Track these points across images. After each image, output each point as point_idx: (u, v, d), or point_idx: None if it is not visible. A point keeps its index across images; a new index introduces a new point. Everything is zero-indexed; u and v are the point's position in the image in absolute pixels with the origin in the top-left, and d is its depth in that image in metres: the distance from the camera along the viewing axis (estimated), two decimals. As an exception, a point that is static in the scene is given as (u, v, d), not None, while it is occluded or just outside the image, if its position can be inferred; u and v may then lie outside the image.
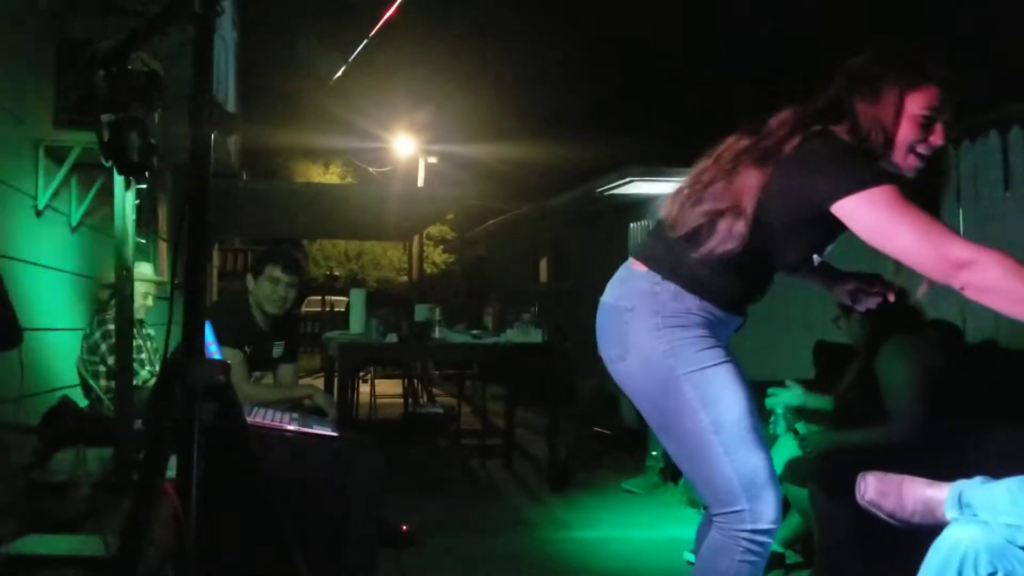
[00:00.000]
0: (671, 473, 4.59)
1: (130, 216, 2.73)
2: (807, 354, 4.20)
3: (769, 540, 1.88)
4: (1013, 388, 3.00)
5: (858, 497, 2.17)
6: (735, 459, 1.86)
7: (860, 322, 3.14)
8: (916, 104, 1.82)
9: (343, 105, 17.76)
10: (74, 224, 4.37)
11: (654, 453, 4.63)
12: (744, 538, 1.86)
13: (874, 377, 3.02)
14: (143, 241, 5.61)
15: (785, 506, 3.28)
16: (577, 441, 5.06)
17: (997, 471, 2.01)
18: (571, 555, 3.50)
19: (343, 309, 8.52)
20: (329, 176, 22.44)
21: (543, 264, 12.90)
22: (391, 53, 18.24)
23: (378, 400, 7.32)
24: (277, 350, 3.65)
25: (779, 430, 3.24)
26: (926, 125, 1.82)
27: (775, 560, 3.23)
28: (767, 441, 1.96)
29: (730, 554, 1.87)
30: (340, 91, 17.42)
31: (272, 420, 2.52)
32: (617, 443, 5.29)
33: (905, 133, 1.83)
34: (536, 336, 4.88)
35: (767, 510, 1.86)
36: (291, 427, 2.49)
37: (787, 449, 3.20)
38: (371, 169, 21.22)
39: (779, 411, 3.25)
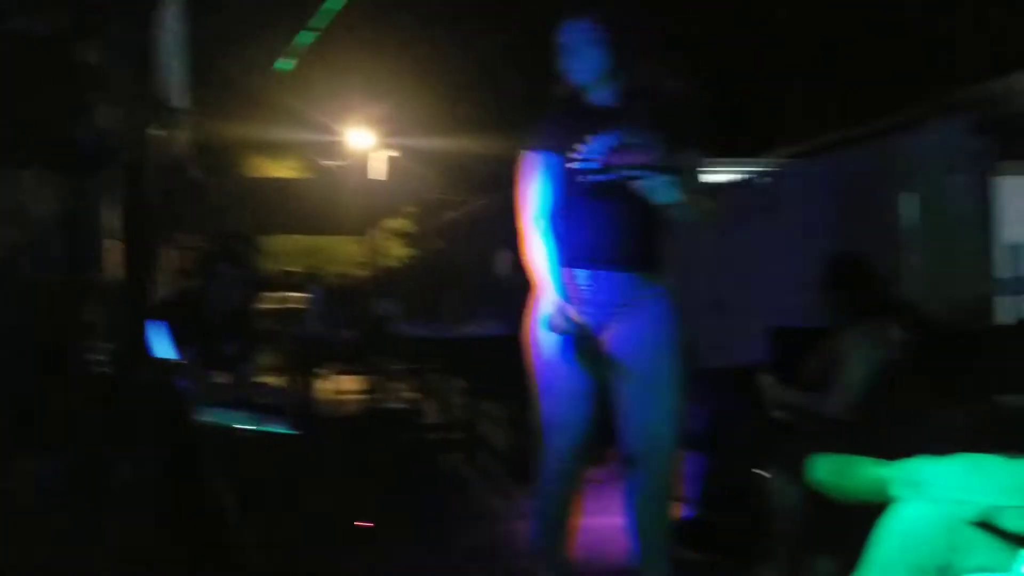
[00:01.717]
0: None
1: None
2: (757, 339, 4.25)
3: (540, 501, 2.63)
4: (956, 369, 3.07)
5: (810, 478, 2.22)
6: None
7: (837, 303, 3.18)
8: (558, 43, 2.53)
9: (298, 98, 17.53)
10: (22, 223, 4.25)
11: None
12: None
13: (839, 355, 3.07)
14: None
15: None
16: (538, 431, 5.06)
17: (944, 449, 2.06)
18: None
19: (301, 305, 8.43)
20: (284, 170, 22.16)
21: (502, 256, 12.87)
22: (346, 45, 18.07)
23: (339, 396, 7.26)
24: (231, 348, 3.60)
25: None
26: (563, 52, 2.52)
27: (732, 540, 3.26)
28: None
29: None
30: (294, 84, 17.22)
31: (226, 418, 2.49)
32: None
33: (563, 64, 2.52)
34: (496, 328, 4.87)
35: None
36: (245, 425, 2.47)
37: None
38: (327, 162, 21.00)
39: None
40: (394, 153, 18.54)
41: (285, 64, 13.77)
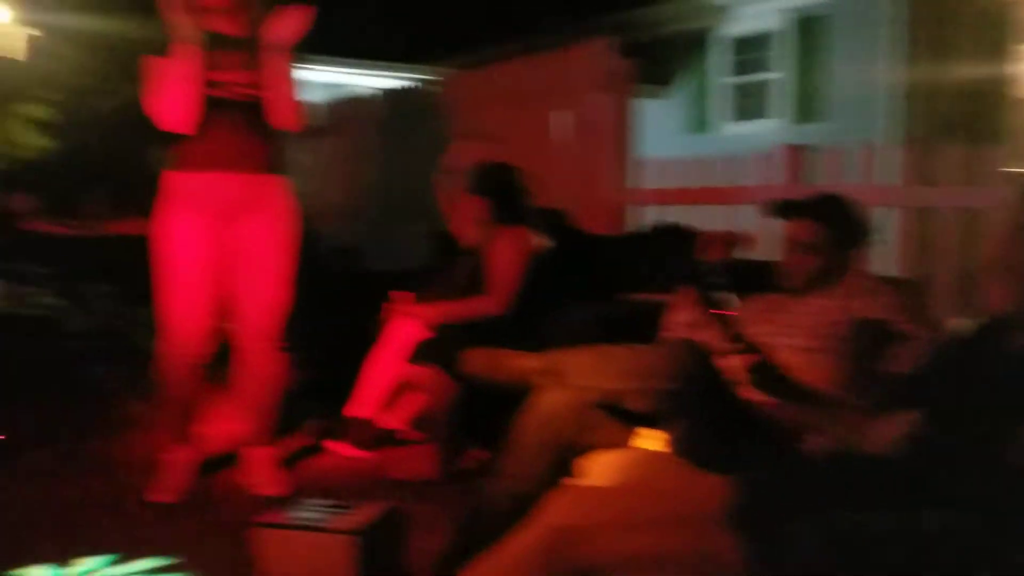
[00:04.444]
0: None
1: None
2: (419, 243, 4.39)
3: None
4: (591, 270, 3.41)
5: (467, 370, 2.37)
6: None
7: (486, 209, 3.31)
8: None
9: None
10: None
11: None
12: None
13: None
14: None
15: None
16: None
17: (579, 342, 2.28)
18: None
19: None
20: None
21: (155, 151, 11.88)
22: None
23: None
24: None
25: None
26: None
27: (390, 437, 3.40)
28: None
29: None
30: None
31: None
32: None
33: None
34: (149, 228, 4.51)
35: None
36: None
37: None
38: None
39: None
40: (35, 31, 16.07)
41: None
